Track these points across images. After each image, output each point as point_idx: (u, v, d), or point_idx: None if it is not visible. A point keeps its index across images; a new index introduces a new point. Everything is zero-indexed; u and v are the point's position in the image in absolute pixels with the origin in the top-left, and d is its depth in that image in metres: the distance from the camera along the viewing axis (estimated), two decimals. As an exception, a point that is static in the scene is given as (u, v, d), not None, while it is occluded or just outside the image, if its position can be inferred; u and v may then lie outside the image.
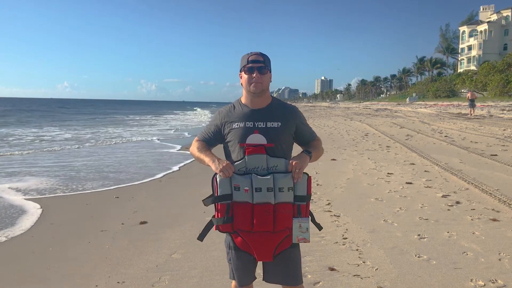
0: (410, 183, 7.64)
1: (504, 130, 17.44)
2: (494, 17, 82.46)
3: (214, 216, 2.38)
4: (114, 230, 5.44)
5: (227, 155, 2.47)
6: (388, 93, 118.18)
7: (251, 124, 2.38)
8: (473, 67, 76.32)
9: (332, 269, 3.96)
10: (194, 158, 2.58)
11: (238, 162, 2.34)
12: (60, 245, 5.00)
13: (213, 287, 3.70)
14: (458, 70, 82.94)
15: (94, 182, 8.84)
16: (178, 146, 16.23)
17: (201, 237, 2.49)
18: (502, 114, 28.06)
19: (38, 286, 3.90)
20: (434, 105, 49.64)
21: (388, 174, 8.59)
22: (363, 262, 4.11)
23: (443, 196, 6.63)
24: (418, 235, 4.85)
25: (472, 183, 7.40)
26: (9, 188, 8.19)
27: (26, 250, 4.86)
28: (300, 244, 2.51)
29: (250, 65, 2.38)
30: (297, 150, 2.48)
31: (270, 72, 2.45)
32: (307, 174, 2.37)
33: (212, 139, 2.52)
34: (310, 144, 2.55)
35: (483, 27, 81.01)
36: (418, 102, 62.46)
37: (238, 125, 2.40)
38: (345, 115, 37.33)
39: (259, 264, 2.50)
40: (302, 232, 2.34)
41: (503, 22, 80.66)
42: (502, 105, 37.59)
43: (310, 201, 2.43)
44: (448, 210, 5.87)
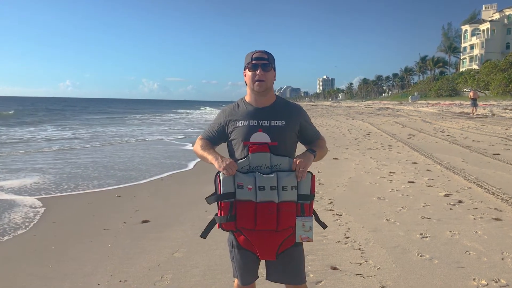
0: (412, 182, 7.62)
1: (506, 129, 17.40)
2: (497, 16, 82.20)
3: (217, 214, 2.38)
4: (116, 229, 5.44)
5: (231, 154, 2.47)
6: (390, 92, 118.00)
7: (255, 122, 2.37)
8: (475, 66, 76.13)
9: (334, 268, 3.96)
10: (197, 157, 2.57)
11: (242, 160, 2.34)
12: (62, 243, 5.00)
13: (215, 286, 3.70)
14: (460, 69, 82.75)
15: (97, 180, 8.84)
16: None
17: (204, 234, 2.48)
18: (505, 113, 27.99)
19: (40, 285, 3.90)
20: (436, 104, 49.55)
21: (390, 173, 8.58)
22: (365, 261, 4.11)
23: (446, 195, 6.61)
24: (421, 234, 4.84)
25: (474, 182, 7.39)
26: (11, 186, 8.20)
27: (28, 248, 4.86)
28: (303, 243, 2.51)
29: (254, 62, 2.38)
30: (300, 149, 2.47)
31: (274, 70, 2.45)
32: (311, 173, 2.36)
33: (216, 138, 2.52)
34: (314, 143, 2.54)
35: (486, 26, 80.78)
36: (420, 101, 62.33)
37: (242, 123, 2.39)
38: (347, 114, 37.29)
39: (262, 262, 2.50)
40: (306, 231, 2.33)
41: (506, 21, 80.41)
42: (505, 104, 37.50)
43: (314, 197, 2.43)
44: (450, 209, 5.85)
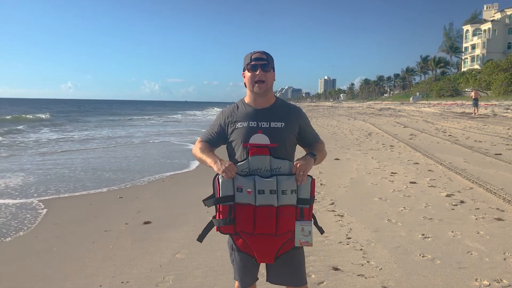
0: (414, 183, 7.61)
1: (508, 129, 17.36)
2: (498, 15, 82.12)
3: (214, 216, 2.37)
4: (118, 230, 5.45)
5: (230, 156, 2.46)
6: (391, 92, 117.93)
7: (255, 124, 2.37)
8: (477, 66, 76.07)
9: (336, 268, 3.96)
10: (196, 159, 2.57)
11: (241, 163, 2.32)
12: (64, 245, 5.01)
13: (217, 287, 3.70)
14: (462, 69, 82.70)
15: (99, 182, 8.86)
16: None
17: (200, 238, 2.47)
18: (506, 113, 27.93)
19: (43, 286, 3.91)
20: (438, 104, 49.47)
21: (392, 173, 8.57)
22: (367, 262, 4.10)
23: (447, 195, 6.60)
24: (422, 235, 4.83)
25: (476, 182, 7.37)
26: (13, 187, 8.21)
27: (30, 250, 4.88)
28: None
29: (253, 63, 2.37)
30: (299, 152, 2.47)
31: (274, 71, 2.44)
32: (311, 177, 2.35)
33: (215, 139, 2.51)
34: (313, 146, 2.53)
35: (487, 26, 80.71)
36: (421, 101, 62.24)
37: (241, 124, 2.38)
38: (348, 115, 37.27)
39: (263, 264, 2.48)
40: (305, 235, 2.32)
41: (507, 20, 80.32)
42: (506, 104, 37.40)
43: (314, 201, 2.42)
44: (452, 209, 5.85)
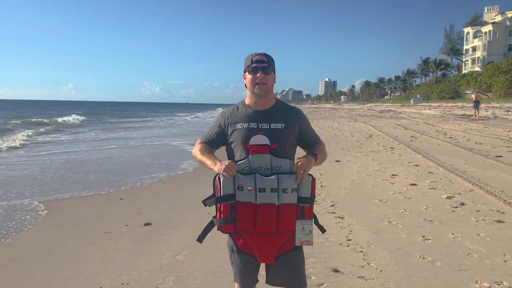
0: (415, 185, 7.61)
1: (509, 131, 17.35)
2: (499, 18, 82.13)
3: (215, 216, 2.37)
4: (118, 232, 5.45)
5: (230, 157, 2.46)
6: (392, 94, 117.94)
7: (255, 125, 2.37)
8: (477, 68, 76.01)
9: (336, 270, 3.95)
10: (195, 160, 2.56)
11: (242, 162, 2.33)
12: (64, 246, 5.01)
13: (217, 289, 3.70)
14: (463, 71, 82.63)
15: (99, 182, 8.86)
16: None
17: (200, 238, 2.46)
18: (507, 115, 27.93)
19: (43, 287, 3.92)
20: (439, 106, 49.46)
21: (392, 175, 8.56)
22: (368, 264, 4.10)
23: (448, 197, 6.60)
24: (423, 237, 4.83)
25: (476, 185, 7.37)
26: (14, 188, 8.22)
27: (30, 251, 4.88)
28: (303, 246, 2.50)
29: (254, 65, 2.38)
30: (299, 153, 2.47)
31: (274, 72, 2.45)
32: (312, 176, 2.35)
33: (215, 141, 2.51)
34: (314, 147, 2.53)
35: (488, 28, 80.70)
36: (422, 104, 62.24)
37: (241, 125, 2.39)
38: (349, 117, 37.27)
39: (263, 266, 2.49)
40: (305, 234, 2.31)
41: (508, 23, 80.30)
42: (507, 106, 37.38)
43: (314, 203, 2.42)
44: (452, 211, 5.84)
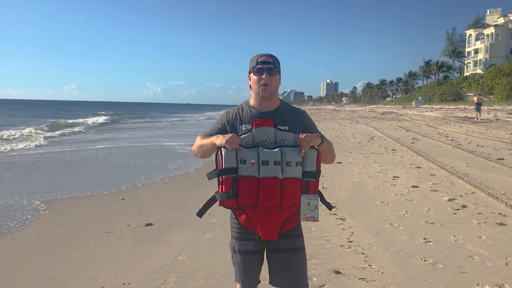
0: (416, 187, 7.61)
1: (510, 134, 17.33)
2: (501, 20, 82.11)
3: (217, 191, 2.33)
4: (119, 232, 5.46)
5: None
6: (394, 96, 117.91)
7: None
8: (479, 71, 75.98)
9: (337, 272, 3.95)
10: (197, 156, 2.47)
11: (245, 135, 2.30)
12: (66, 246, 5.02)
13: (218, 289, 3.70)
14: (465, 74, 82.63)
15: (100, 183, 8.87)
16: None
17: (200, 213, 2.43)
18: (509, 118, 27.90)
19: (44, 287, 3.92)
20: (440, 108, 49.44)
21: (394, 177, 8.56)
22: (369, 266, 4.10)
23: (449, 199, 6.60)
24: (424, 239, 4.83)
25: (478, 187, 7.36)
26: (15, 188, 8.23)
27: (32, 251, 4.88)
28: (305, 247, 2.49)
29: (259, 66, 2.36)
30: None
31: (279, 74, 2.43)
32: (317, 150, 2.31)
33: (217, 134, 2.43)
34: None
35: (490, 31, 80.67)
36: (424, 106, 62.23)
37: (245, 126, 2.38)
38: (350, 118, 37.24)
39: (265, 267, 2.49)
40: (311, 210, 2.27)
41: (510, 25, 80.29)
42: (509, 108, 37.36)
43: (320, 175, 2.36)
44: (454, 214, 5.84)
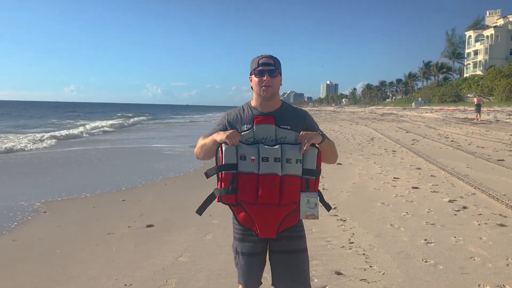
0: (417, 188, 7.61)
1: (511, 135, 17.34)
2: (501, 21, 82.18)
3: (217, 187, 2.33)
4: (121, 233, 5.46)
5: None
6: (393, 97, 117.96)
7: None
8: (479, 72, 76.03)
9: (338, 273, 3.96)
10: (199, 158, 2.47)
11: (246, 132, 2.31)
12: (67, 247, 5.02)
13: (219, 290, 3.71)
14: (464, 75, 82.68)
15: (101, 184, 8.87)
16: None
17: (200, 210, 2.42)
18: (509, 119, 27.92)
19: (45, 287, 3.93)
20: (440, 109, 49.45)
21: (394, 178, 8.57)
22: (370, 267, 4.11)
23: (450, 201, 6.60)
24: (425, 240, 4.84)
25: (479, 188, 7.37)
26: (16, 189, 8.24)
27: (33, 252, 4.89)
28: (308, 248, 2.49)
29: (260, 68, 2.37)
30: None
31: (281, 75, 2.45)
32: (317, 148, 2.31)
33: None
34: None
35: (490, 32, 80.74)
36: (424, 107, 62.23)
37: (246, 127, 2.38)
38: (350, 120, 37.27)
39: (267, 268, 2.49)
40: (311, 207, 2.26)
41: (510, 26, 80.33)
42: (509, 110, 37.37)
43: (320, 174, 2.36)
44: (454, 215, 5.84)
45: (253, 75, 2.42)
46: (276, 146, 2.26)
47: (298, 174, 2.27)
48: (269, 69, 2.37)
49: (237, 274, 2.53)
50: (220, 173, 2.30)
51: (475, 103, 29.57)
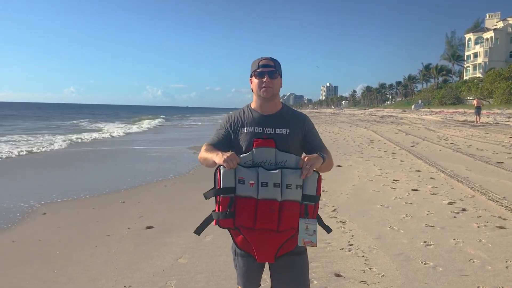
0: (416, 190, 7.62)
1: (510, 137, 17.35)
2: (500, 24, 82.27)
3: (214, 210, 2.31)
4: (120, 235, 5.46)
5: None
6: (393, 100, 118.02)
7: (260, 129, 2.37)
8: (479, 75, 76.08)
9: (338, 275, 3.96)
10: (203, 165, 2.49)
11: (245, 155, 2.29)
12: (67, 248, 5.03)
13: (219, 292, 3.71)
14: (464, 78, 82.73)
15: (101, 185, 8.87)
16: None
17: (198, 231, 2.42)
18: (508, 121, 27.94)
19: (45, 289, 3.93)
20: (440, 112, 49.48)
21: (393, 180, 8.57)
22: (369, 269, 4.11)
23: (449, 203, 6.61)
24: (424, 242, 4.84)
25: (478, 191, 7.38)
26: (17, 191, 8.24)
27: (33, 253, 4.89)
28: (307, 250, 2.49)
29: (260, 69, 2.38)
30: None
31: (281, 77, 2.45)
32: (318, 173, 2.28)
33: (221, 142, 2.45)
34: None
35: (489, 35, 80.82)
36: (423, 109, 62.25)
37: (247, 129, 2.39)
38: (350, 122, 37.29)
39: (267, 270, 2.49)
40: (309, 234, 2.23)
41: (509, 29, 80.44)
42: (508, 112, 37.38)
43: (320, 200, 2.34)
44: (454, 217, 5.85)
45: (253, 77, 2.43)
46: (276, 171, 2.21)
47: (297, 199, 2.23)
48: (269, 70, 2.38)
49: (236, 276, 2.53)
50: (218, 196, 2.28)
51: (475, 106, 29.59)
